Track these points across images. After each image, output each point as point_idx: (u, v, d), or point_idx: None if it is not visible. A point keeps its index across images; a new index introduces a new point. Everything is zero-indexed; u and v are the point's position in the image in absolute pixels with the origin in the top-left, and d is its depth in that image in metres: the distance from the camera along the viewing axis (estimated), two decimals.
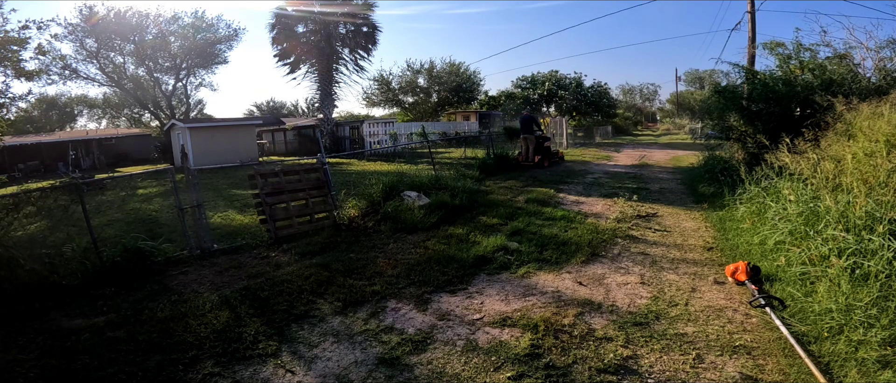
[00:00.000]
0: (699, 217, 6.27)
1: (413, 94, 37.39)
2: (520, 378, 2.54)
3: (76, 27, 23.08)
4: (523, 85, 36.31)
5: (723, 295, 3.54)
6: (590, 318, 3.23)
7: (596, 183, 9.68)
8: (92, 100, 39.61)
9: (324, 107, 21.92)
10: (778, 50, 8.72)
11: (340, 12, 20.60)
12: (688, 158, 13.68)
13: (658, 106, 58.60)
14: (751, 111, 7.99)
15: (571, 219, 6.12)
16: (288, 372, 2.73)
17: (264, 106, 55.67)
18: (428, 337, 3.05)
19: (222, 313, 3.54)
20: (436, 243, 5.23)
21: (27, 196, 5.01)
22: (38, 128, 37.52)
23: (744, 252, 4.50)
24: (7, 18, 13.49)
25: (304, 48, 21.11)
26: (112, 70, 26.36)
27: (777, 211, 4.71)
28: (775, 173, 5.48)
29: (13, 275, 4.00)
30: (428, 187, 7.61)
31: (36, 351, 3.11)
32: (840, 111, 5.27)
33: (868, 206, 3.42)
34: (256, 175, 5.79)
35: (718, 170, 8.40)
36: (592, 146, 23.09)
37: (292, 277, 4.27)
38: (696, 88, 49.32)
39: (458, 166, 11.41)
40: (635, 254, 4.68)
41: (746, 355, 2.68)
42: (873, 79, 7.46)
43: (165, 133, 24.35)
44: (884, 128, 4.20)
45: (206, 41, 27.32)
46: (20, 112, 23.03)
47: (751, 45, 11.79)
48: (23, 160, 22.62)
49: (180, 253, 5.21)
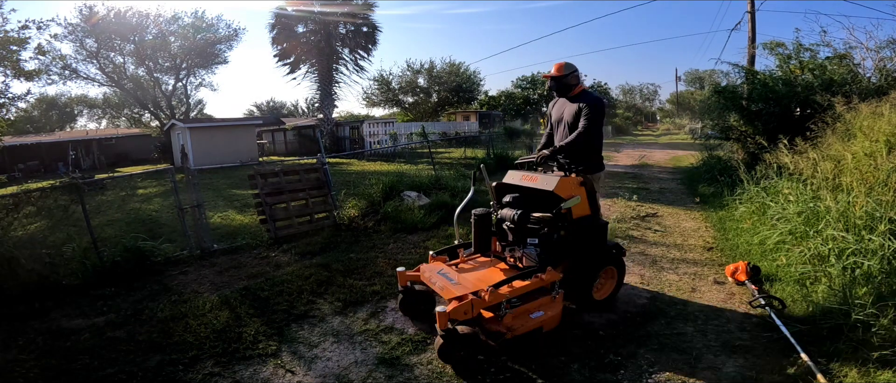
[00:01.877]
0: (699, 217, 6.27)
1: (413, 94, 37.38)
2: (519, 377, 2.54)
3: (76, 27, 23.04)
4: (523, 85, 36.33)
5: (723, 295, 3.54)
6: (589, 318, 3.23)
7: None
8: (92, 100, 39.60)
9: (324, 107, 21.91)
10: (778, 50, 8.72)
11: (340, 12, 20.60)
12: (687, 158, 13.68)
13: (658, 106, 58.56)
14: (751, 111, 7.99)
15: None
16: (288, 372, 2.73)
17: (264, 106, 55.71)
18: (428, 337, 3.05)
19: (222, 313, 3.54)
20: (436, 243, 5.23)
21: (27, 196, 5.01)
22: (38, 128, 37.50)
23: (744, 252, 4.50)
24: (7, 18, 13.49)
25: (304, 48, 21.10)
26: (112, 70, 26.33)
27: (777, 211, 4.71)
28: (775, 173, 5.49)
29: (13, 274, 3.99)
30: (428, 187, 7.61)
31: (36, 351, 3.11)
32: (840, 111, 5.27)
33: (868, 206, 3.42)
34: (256, 175, 5.79)
35: (718, 170, 8.40)
36: None
37: (292, 277, 4.27)
38: (696, 88, 49.26)
39: (458, 166, 11.41)
40: (635, 253, 4.68)
41: (746, 355, 2.68)
42: (873, 79, 7.45)
43: (165, 133, 24.35)
44: (884, 128, 4.20)
45: (206, 41, 27.29)
46: (20, 112, 23.01)
47: (751, 45, 11.78)
48: (23, 160, 22.61)
49: (180, 253, 5.21)
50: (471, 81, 36.37)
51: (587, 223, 3.05)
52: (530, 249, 2.94)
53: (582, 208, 3.00)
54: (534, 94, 35.03)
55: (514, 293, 2.73)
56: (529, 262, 2.96)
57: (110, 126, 40.80)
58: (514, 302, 2.74)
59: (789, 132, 5.76)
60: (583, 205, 3.00)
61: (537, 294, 2.87)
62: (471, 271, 3.09)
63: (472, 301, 2.56)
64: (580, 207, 2.98)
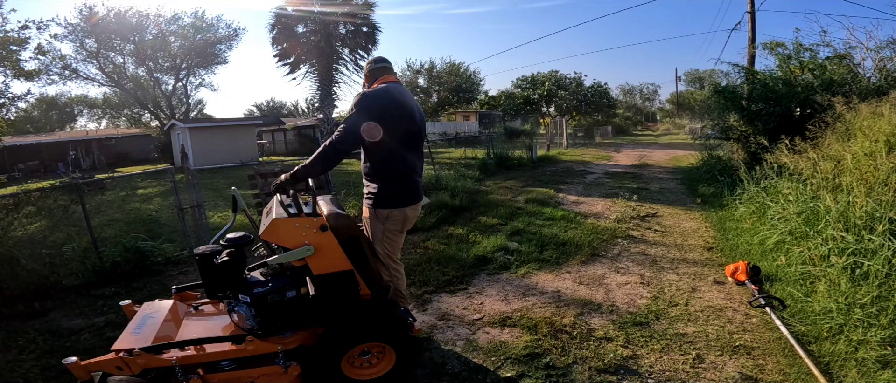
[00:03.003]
0: (699, 217, 6.27)
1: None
2: (520, 378, 2.54)
3: (76, 27, 23.06)
4: (523, 85, 36.34)
5: (723, 295, 3.54)
6: (590, 318, 3.23)
7: (596, 183, 9.68)
8: (92, 101, 39.58)
9: (324, 107, 21.91)
10: (778, 50, 8.73)
11: (340, 12, 20.59)
12: (687, 158, 13.69)
13: (658, 106, 58.57)
14: (751, 111, 8.00)
15: (571, 220, 6.12)
16: None
17: (264, 106, 55.73)
18: (428, 337, 3.05)
19: None
20: (436, 243, 5.23)
21: (27, 196, 5.01)
22: (38, 128, 37.50)
23: (744, 252, 4.50)
24: (7, 18, 13.49)
25: (304, 48, 21.10)
26: (112, 70, 26.33)
27: (777, 211, 4.71)
28: (775, 173, 5.48)
29: (13, 274, 3.99)
30: (428, 187, 7.61)
31: (36, 351, 3.10)
32: (840, 111, 5.27)
33: (868, 206, 3.42)
34: (256, 175, 5.79)
35: (718, 171, 8.41)
36: (592, 146, 23.11)
37: None
38: (696, 88, 49.28)
39: (458, 166, 11.41)
40: (635, 254, 4.68)
41: (746, 355, 2.68)
42: (873, 79, 7.46)
43: (165, 133, 24.36)
44: (884, 128, 4.20)
45: (206, 41, 27.29)
46: (20, 112, 23.04)
47: (751, 45, 11.78)
48: (23, 160, 22.61)
49: (180, 253, 5.21)
50: (471, 81, 36.38)
51: (340, 282, 2.26)
52: (242, 307, 2.23)
53: (328, 262, 2.23)
54: (534, 94, 35.03)
55: (204, 358, 2.17)
56: (242, 324, 2.24)
57: (110, 126, 40.81)
58: (225, 365, 2.21)
59: (789, 132, 5.76)
60: (330, 259, 2.23)
61: (259, 360, 2.23)
62: (197, 319, 2.53)
63: (122, 359, 2.07)
64: (324, 261, 2.22)
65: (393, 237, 2.56)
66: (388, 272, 2.58)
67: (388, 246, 2.55)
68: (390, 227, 2.52)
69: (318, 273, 2.23)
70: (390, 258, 2.59)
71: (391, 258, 2.59)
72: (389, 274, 2.59)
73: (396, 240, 2.59)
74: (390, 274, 2.60)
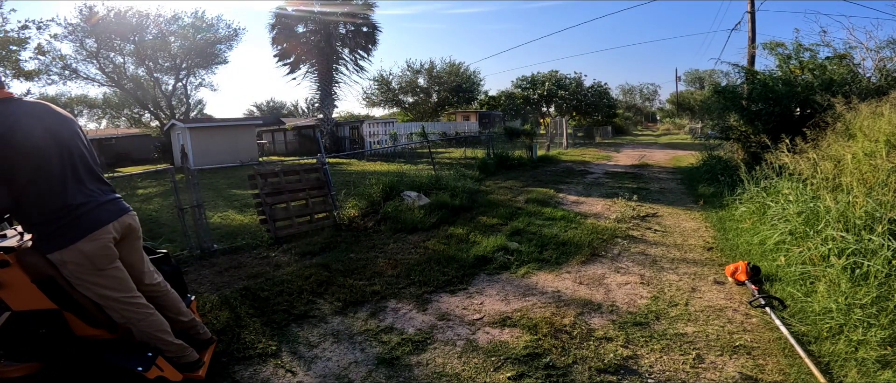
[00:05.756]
0: (699, 217, 6.27)
1: (413, 94, 37.42)
2: (520, 378, 2.54)
3: (76, 27, 23.06)
4: (523, 85, 36.37)
5: (723, 295, 3.54)
6: (590, 318, 3.23)
7: (596, 183, 9.68)
8: (92, 101, 39.54)
9: (324, 107, 21.94)
10: (778, 50, 8.74)
11: (340, 12, 20.62)
12: (687, 158, 13.69)
13: (658, 106, 58.63)
14: (751, 111, 8.01)
15: (571, 220, 6.12)
16: (288, 373, 2.73)
17: (264, 106, 55.76)
18: (428, 337, 3.05)
19: (222, 313, 3.54)
20: (436, 243, 5.23)
21: None
22: None
23: (744, 252, 4.50)
24: (7, 18, 13.50)
25: (304, 48, 21.13)
26: (112, 70, 26.35)
27: (777, 211, 4.71)
28: (775, 173, 5.49)
29: None
30: (428, 187, 7.61)
31: None
32: (840, 111, 5.27)
33: (868, 206, 3.42)
34: (256, 175, 5.79)
35: (718, 170, 8.42)
36: (592, 146, 23.12)
37: (292, 277, 4.27)
38: (696, 88, 49.33)
39: (458, 166, 11.41)
40: (635, 254, 4.69)
41: (746, 355, 2.68)
42: (873, 79, 7.47)
43: (165, 133, 24.37)
44: (884, 128, 4.21)
45: (206, 41, 27.31)
46: None
47: (751, 45, 11.79)
48: None
49: (180, 253, 5.21)
50: (471, 81, 36.42)
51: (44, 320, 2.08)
52: None
53: (25, 300, 2.06)
54: (534, 94, 35.04)
55: None
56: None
57: (110, 126, 40.81)
58: None
59: (789, 132, 5.76)
60: (25, 296, 2.05)
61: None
62: None
63: None
64: (19, 298, 2.05)
65: (92, 279, 2.08)
66: (121, 314, 2.18)
67: (94, 289, 2.10)
68: (76, 271, 2.05)
69: (18, 309, 2.05)
70: (115, 300, 2.15)
71: (117, 300, 2.16)
72: (123, 316, 2.18)
73: (101, 279, 2.10)
74: (127, 314, 2.18)
